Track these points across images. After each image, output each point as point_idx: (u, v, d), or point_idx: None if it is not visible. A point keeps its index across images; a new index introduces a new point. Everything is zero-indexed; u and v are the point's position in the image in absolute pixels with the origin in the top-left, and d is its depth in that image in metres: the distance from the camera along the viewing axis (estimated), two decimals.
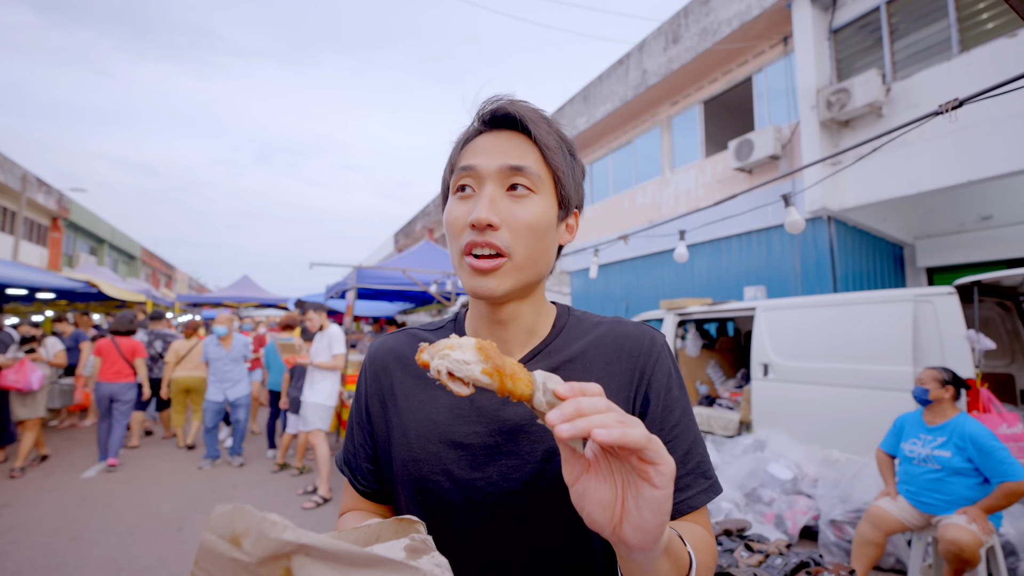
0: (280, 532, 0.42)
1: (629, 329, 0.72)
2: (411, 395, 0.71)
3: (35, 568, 3.09)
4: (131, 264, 28.90)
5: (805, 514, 3.35)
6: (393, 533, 0.59)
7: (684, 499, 0.63)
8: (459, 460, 0.65)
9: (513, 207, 0.62)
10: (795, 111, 7.15)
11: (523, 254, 0.63)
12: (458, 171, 0.65)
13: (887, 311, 3.86)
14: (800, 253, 7.04)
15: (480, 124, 0.67)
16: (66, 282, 7.59)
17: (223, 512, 0.42)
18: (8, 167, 15.14)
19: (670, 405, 0.67)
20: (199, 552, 0.42)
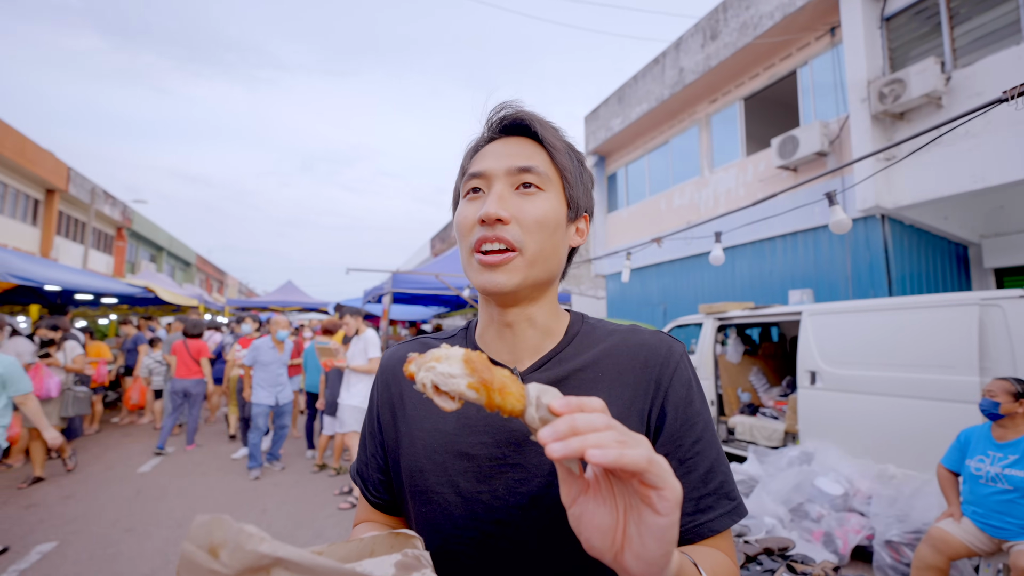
0: (256, 544, 0.41)
1: (645, 338, 0.68)
2: (420, 404, 0.70)
3: (92, 558, 3.28)
4: (187, 270, 30.65)
5: (858, 533, 3.14)
6: (388, 548, 0.58)
7: (705, 521, 0.59)
8: (465, 472, 0.63)
9: (522, 202, 0.63)
10: (844, 105, 6.79)
11: (534, 249, 0.62)
12: (468, 176, 0.66)
13: (950, 316, 3.57)
14: (851, 254, 6.66)
15: (489, 132, 0.69)
16: (126, 288, 8.14)
17: (202, 522, 0.42)
18: (79, 182, 16.38)
19: (690, 419, 0.63)
20: (179, 562, 0.42)
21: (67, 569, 3.12)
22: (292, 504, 4.35)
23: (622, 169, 11.76)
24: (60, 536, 3.60)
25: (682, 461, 0.61)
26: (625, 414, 0.62)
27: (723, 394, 5.64)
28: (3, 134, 12.65)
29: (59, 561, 3.21)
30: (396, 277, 6.38)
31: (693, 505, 0.59)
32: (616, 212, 11.92)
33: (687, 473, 0.60)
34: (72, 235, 17.64)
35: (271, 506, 4.28)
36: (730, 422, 5.41)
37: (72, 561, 3.23)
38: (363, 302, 8.45)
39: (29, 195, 14.93)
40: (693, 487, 0.60)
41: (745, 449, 4.86)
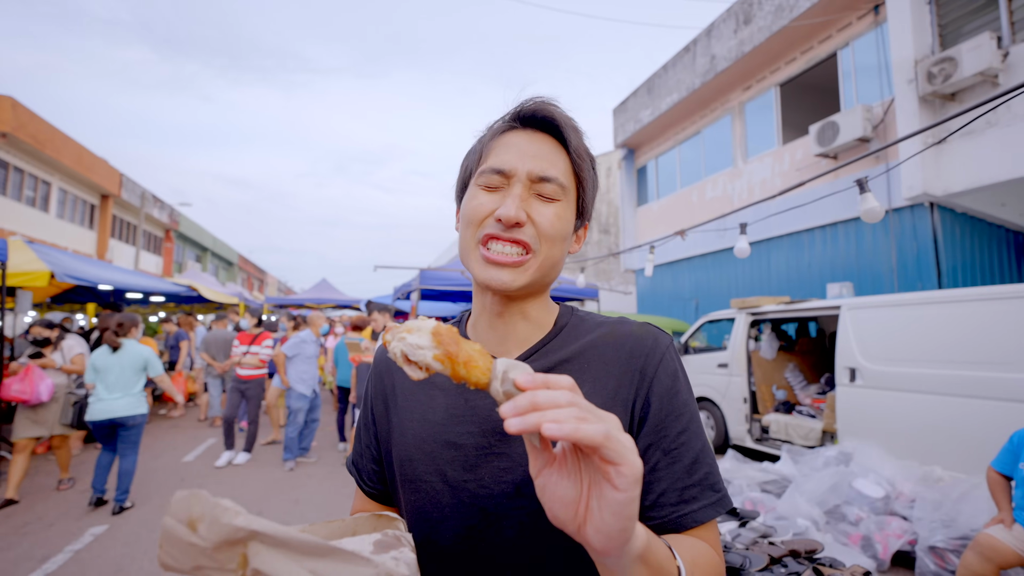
0: (232, 518, 0.42)
1: (631, 329, 0.69)
2: (411, 395, 0.71)
3: (140, 540, 3.48)
4: (229, 270, 32.03)
5: (899, 538, 2.98)
6: (370, 528, 0.60)
7: (689, 512, 0.59)
8: (452, 461, 0.64)
9: (540, 208, 0.64)
10: (889, 87, 6.42)
11: (545, 254, 0.64)
12: (488, 166, 0.65)
13: (1007, 309, 3.33)
14: (896, 245, 6.31)
15: (515, 120, 0.67)
16: (172, 287, 8.58)
17: (181, 497, 0.43)
18: (130, 187, 17.35)
19: (676, 410, 0.63)
20: (161, 535, 0.43)
21: (117, 551, 3.32)
22: (324, 495, 4.48)
23: (652, 162, 11.53)
24: (110, 520, 3.83)
25: (667, 452, 0.60)
26: (610, 404, 0.62)
27: (756, 391, 5.46)
28: (63, 144, 13.53)
29: (110, 543, 3.43)
30: (424, 274, 6.47)
31: (677, 495, 0.59)
32: (646, 206, 11.69)
33: (672, 463, 0.60)
34: (125, 237, 18.72)
35: (303, 496, 4.43)
36: (764, 420, 5.23)
37: (122, 543, 3.43)
38: (393, 299, 8.62)
39: (86, 200, 15.93)
40: (677, 477, 0.59)
41: (779, 448, 4.70)
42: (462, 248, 0.68)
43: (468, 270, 0.67)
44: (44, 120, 12.79)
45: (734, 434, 5.45)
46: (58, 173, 14.19)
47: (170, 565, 0.44)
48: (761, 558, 1.66)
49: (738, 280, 8.77)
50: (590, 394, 0.63)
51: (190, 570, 0.44)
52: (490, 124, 0.71)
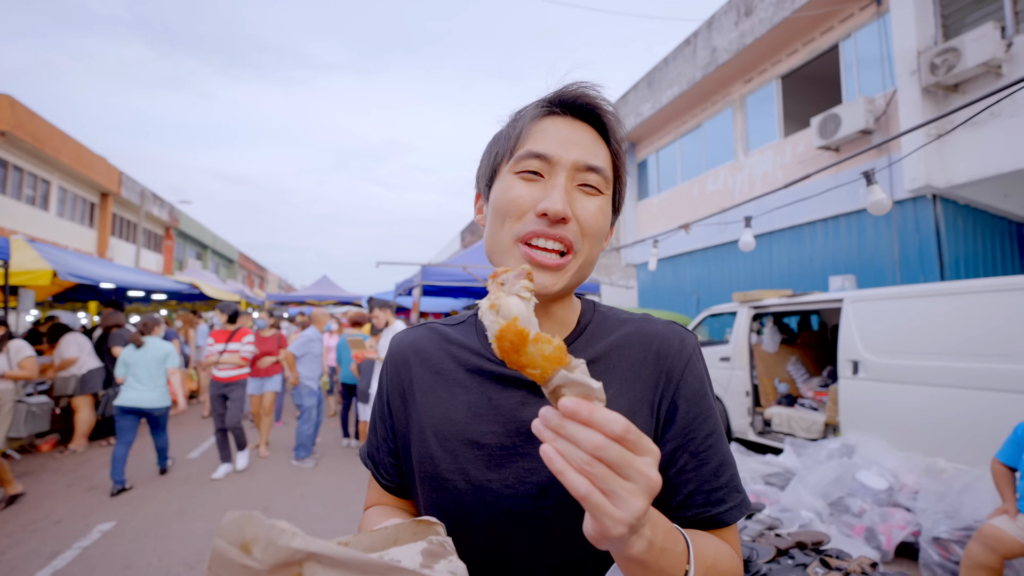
0: (289, 540, 0.42)
1: (658, 328, 0.67)
2: (430, 391, 0.69)
3: (147, 536, 3.50)
4: (230, 267, 32.01)
5: (903, 529, 2.99)
6: (412, 535, 0.58)
7: (716, 513, 0.59)
8: (475, 460, 0.63)
9: (585, 202, 0.60)
10: (891, 78, 6.38)
11: (586, 253, 0.61)
12: (526, 152, 0.61)
13: (1009, 301, 3.33)
14: (899, 237, 6.30)
15: (554, 105, 0.63)
16: (174, 284, 8.58)
17: (233, 519, 0.43)
18: (130, 185, 17.32)
19: (703, 413, 0.63)
20: (211, 557, 0.43)
21: (124, 547, 3.34)
22: (329, 490, 4.50)
23: (652, 155, 11.49)
24: (118, 516, 3.86)
25: (695, 454, 0.61)
26: (637, 406, 0.62)
27: (759, 384, 5.47)
28: (62, 143, 13.49)
29: (117, 539, 3.45)
30: (426, 270, 6.46)
31: (704, 497, 0.59)
32: (647, 200, 11.66)
33: (700, 466, 0.60)
34: (125, 235, 18.70)
35: (308, 492, 4.45)
36: (766, 413, 5.24)
37: (129, 539, 3.45)
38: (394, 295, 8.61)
39: (86, 199, 15.90)
40: (705, 480, 0.60)
41: (782, 441, 4.71)
42: (495, 243, 0.63)
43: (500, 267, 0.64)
44: (43, 118, 12.75)
45: (736, 427, 5.47)
46: (58, 172, 14.16)
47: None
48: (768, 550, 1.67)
49: (740, 274, 8.76)
50: (617, 396, 0.62)
51: None
52: (518, 110, 0.66)
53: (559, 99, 0.62)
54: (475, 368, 0.67)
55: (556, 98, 0.63)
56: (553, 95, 0.63)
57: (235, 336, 5.01)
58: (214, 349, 4.95)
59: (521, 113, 0.66)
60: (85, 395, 5.86)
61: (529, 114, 0.64)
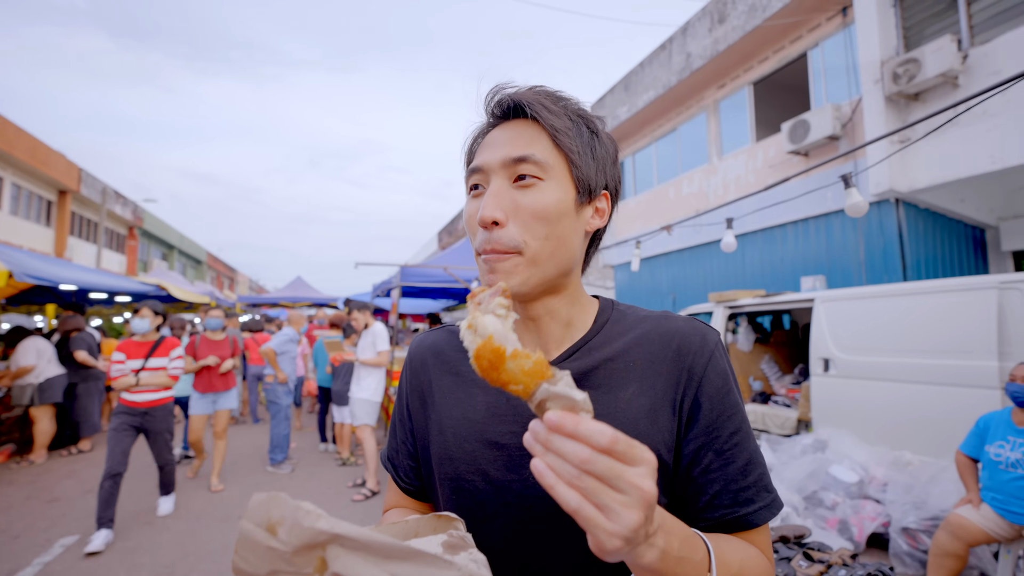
0: (314, 521, 0.42)
1: (678, 325, 0.66)
2: (448, 392, 0.70)
3: (113, 550, 3.34)
4: (198, 268, 30.97)
5: (873, 520, 3.11)
6: (431, 529, 0.59)
7: (745, 514, 0.58)
8: (495, 460, 0.62)
9: (518, 197, 0.59)
10: (856, 87, 6.64)
11: (536, 247, 0.59)
12: (468, 172, 0.64)
13: (967, 300, 3.50)
14: (864, 240, 6.55)
15: (490, 118, 0.65)
16: (139, 286, 8.23)
17: (260, 501, 0.43)
18: (90, 182, 16.57)
19: (727, 410, 0.61)
20: (238, 540, 0.42)
21: (89, 561, 3.18)
22: (307, 497, 4.38)
23: (629, 158, 11.65)
24: (81, 529, 3.67)
25: (720, 453, 0.60)
26: (659, 405, 0.61)
27: None
28: (16, 137, 12.81)
29: (81, 553, 3.28)
30: (405, 271, 6.39)
31: (731, 497, 0.58)
32: (624, 201, 11.82)
33: (725, 465, 0.59)
34: (85, 235, 17.88)
35: None
36: None
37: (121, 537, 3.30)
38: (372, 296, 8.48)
39: (42, 196, 15.14)
40: (731, 479, 0.59)
41: (757, 437, 4.83)
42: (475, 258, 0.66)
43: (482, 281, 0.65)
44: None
45: None
46: (11, 167, 13.43)
47: (244, 570, 0.43)
48: None
49: (714, 274, 8.97)
50: (637, 395, 0.61)
51: (265, 574, 0.43)
52: (470, 133, 0.69)
53: (489, 109, 0.65)
54: None
55: (487, 110, 0.65)
56: (485, 107, 0.66)
57: (159, 349, 3.82)
58: (127, 367, 3.67)
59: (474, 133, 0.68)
60: (44, 405, 5.57)
61: (473, 134, 0.67)
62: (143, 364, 3.72)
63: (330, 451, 5.91)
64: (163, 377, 3.78)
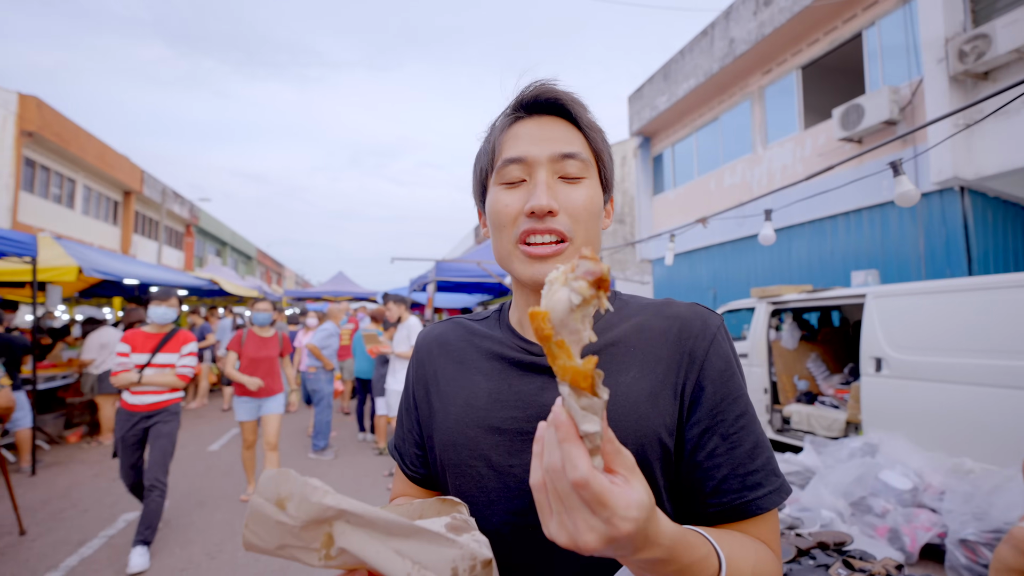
0: (321, 497, 0.43)
1: (679, 310, 0.66)
2: (452, 380, 0.71)
3: (169, 527, 3.59)
4: (248, 264, 32.55)
5: (928, 530, 2.91)
6: (435, 512, 0.60)
7: (754, 499, 0.57)
8: (497, 446, 0.63)
9: (569, 191, 0.62)
10: (917, 67, 6.19)
11: (583, 237, 0.62)
12: (503, 162, 0.64)
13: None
14: (924, 231, 6.12)
15: (519, 110, 0.66)
16: (195, 280, 8.75)
17: (269, 476, 0.44)
18: (152, 183, 17.69)
19: (732, 393, 0.60)
20: (248, 514, 0.44)
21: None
22: (345, 483, 4.56)
23: (668, 149, 11.34)
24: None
25: (726, 436, 0.59)
26: (659, 389, 0.61)
27: (777, 381, 5.38)
28: (87, 142, 13.83)
29: None
30: (440, 265, 6.48)
31: (740, 481, 0.57)
32: (662, 194, 11.52)
33: (732, 448, 0.58)
34: (147, 233, 19.12)
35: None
36: (785, 411, 5.15)
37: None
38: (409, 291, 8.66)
39: (110, 197, 16.29)
40: (739, 463, 0.58)
41: (801, 439, 4.63)
42: (499, 251, 0.66)
43: (510, 271, 0.65)
44: (68, 119, 13.07)
45: None
46: (82, 171, 14.52)
47: (255, 544, 0.44)
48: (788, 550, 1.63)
49: (757, 269, 8.62)
50: (637, 379, 0.61)
51: (275, 549, 0.44)
52: (492, 122, 0.69)
53: (521, 102, 0.65)
54: (496, 355, 0.69)
55: (518, 102, 0.65)
56: (515, 100, 0.66)
57: (170, 343, 3.29)
58: (130, 362, 3.16)
59: (494, 126, 0.68)
60: (105, 394, 5.98)
61: (500, 125, 0.67)
62: (149, 359, 3.18)
63: (368, 440, 6.10)
64: (170, 377, 3.21)
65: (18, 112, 11.55)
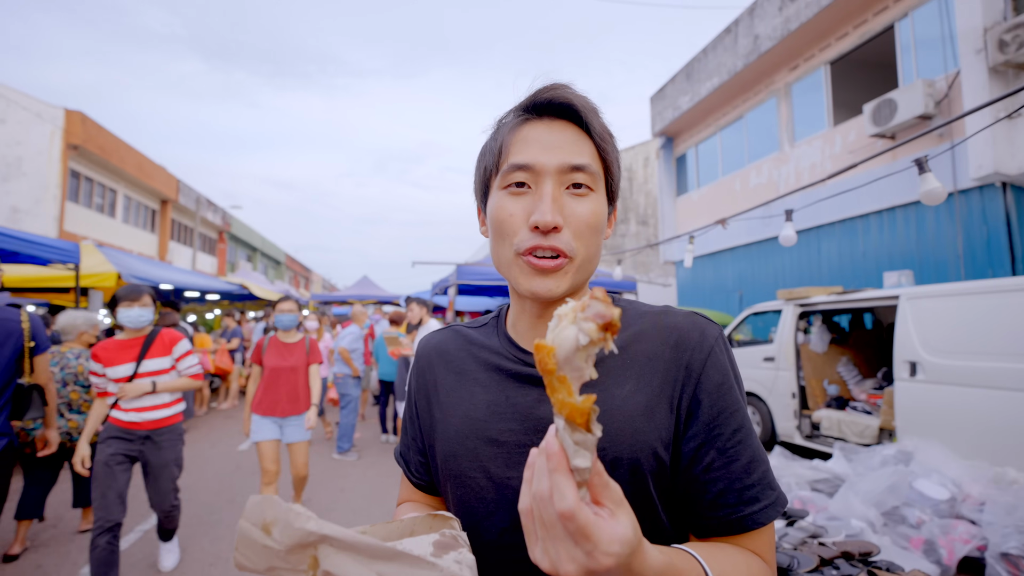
0: (304, 522, 0.45)
1: (677, 320, 0.65)
2: (452, 391, 0.71)
3: (200, 523, 3.71)
4: (277, 268, 33.47)
5: (967, 543, 2.77)
6: (427, 528, 0.61)
7: (750, 513, 0.56)
8: (495, 457, 0.64)
9: (575, 206, 0.60)
10: (954, 59, 5.94)
11: (584, 254, 0.61)
12: (510, 166, 0.61)
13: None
14: (963, 230, 5.86)
15: (529, 111, 0.63)
16: (226, 285, 9.06)
17: (255, 503, 0.46)
18: (187, 192, 18.40)
19: (729, 407, 0.59)
20: (237, 538, 0.46)
21: (180, 532, 3.54)
22: (368, 484, 4.63)
23: (692, 150, 11.17)
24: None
25: (722, 451, 0.58)
26: (655, 402, 0.60)
27: (806, 386, 5.22)
28: (127, 154, 14.50)
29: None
30: (460, 269, 6.54)
31: (736, 496, 0.56)
32: (686, 195, 11.35)
33: (729, 463, 0.57)
34: (183, 239, 19.89)
35: (348, 485, 4.60)
36: (815, 416, 5.00)
37: (184, 525, 3.66)
38: (432, 294, 8.76)
39: (148, 206, 17.02)
40: (736, 477, 0.57)
41: (831, 445, 4.48)
42: (498, 258, 0.64)
43: (509, 280, 0.64)
44: (109, 132, 13.73)
45: (782, 430, 5.24)
46: (123, 181, 15.21)
47: (245, 566, 0.47)
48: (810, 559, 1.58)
49: (785, 270, 8.39)
50: (633, 392, 0.60)
51: (264, 571, 0.46)
52: (500, 118, 0.67)
53: (532, 103, 0.63)
54: (494, 367, 0.68)
55: (530, 103, 0.63)
56: (527, 100, 0.63)
57: (153, 347, 2.72)
58: (113, 374, 2.62)
59: (501, 123, 0.66)
60: None
61: (508, 124, 0.64)
62: (135, 369, 2.65)
63: (391, 442, 6.18)
64: (185, 380, 2.80)
65: (64, 127, 12.21)
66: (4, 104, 11.88)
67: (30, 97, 12.08)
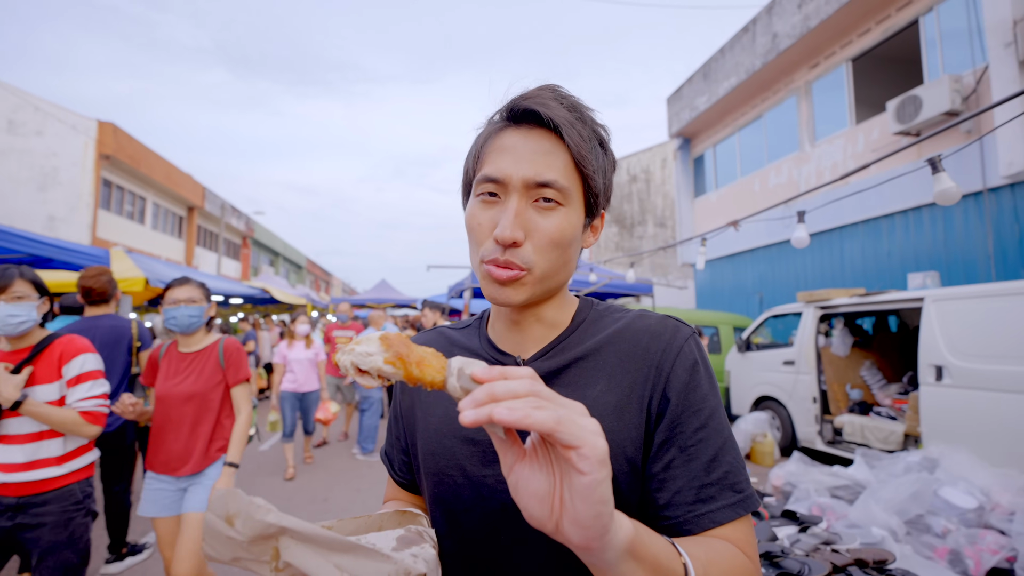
0: (264, 515, 0.47)
1: (650, 322, 0.66)
2: (433, 392, 0.72)
3: None
4: (299, 273, 34.14)
5: (995, 553, 2.67)
6: (395, 524, 0.64)
7: (706, 512, 0.56)
8: (471, 456, 0.65)
9: (539, 220, 0.59)
10: (982, 53, 5.76)
11: (543, 268, 0.60)
12: (481, 177, 0.61)
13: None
14: (994, 229, 5.66)
15: (506, 119, 0.63)
16: (248, 289, 9.28)
17: (219, 495, 0.48)
18: (212, 199, 18.93)
19: (694, 404, 0.60)
20: (204, 529, 0.49)
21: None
22: (383, 485, 4.69)
23: (710, 150, 11.03)
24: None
25: (683, 448, 0.58)
26: (625, 402, 0.61)
27: (828, 390, 5.10)
28: (155, 162, 15.01)
29: None
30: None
31: (694, 495, 0.56)
32: (704, 196, 11.21)
33: (688, 461, 0.57)
34: (208, 245, 20.46)
35: (364, 486, 4.66)
36: (836, 421, 4.88)
37: None
38: (447, 298, 8.83)
39: (175, 213, 17.57)
40: (694, 476, 0.57)
41: (853, 451, 4.36)
42: (472, 261, 0.65)
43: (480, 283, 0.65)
44: (139, 142, 14.24)
45: (802, 435, 5.12)
46: (152, 189, 15.75)
47: (212, 556, 0.49)
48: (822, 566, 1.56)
49: (806, 272, 8.22)
50: (604, 392, 0.61)
51: (230, 560, 0.49)
52: (490, 117, 0.66)
53: (509, 110, 0.62)
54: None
55: (507, 109, 0.62)
56: (505, 106, 0.62)
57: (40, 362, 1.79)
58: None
59: (487, 125, 0.65)
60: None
61: (486, 132, 0.64)
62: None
63: None
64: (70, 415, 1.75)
65: (97, 137, 12.71)
66: (42, 117, 12.43)
67: (65, 110, 12.62)
